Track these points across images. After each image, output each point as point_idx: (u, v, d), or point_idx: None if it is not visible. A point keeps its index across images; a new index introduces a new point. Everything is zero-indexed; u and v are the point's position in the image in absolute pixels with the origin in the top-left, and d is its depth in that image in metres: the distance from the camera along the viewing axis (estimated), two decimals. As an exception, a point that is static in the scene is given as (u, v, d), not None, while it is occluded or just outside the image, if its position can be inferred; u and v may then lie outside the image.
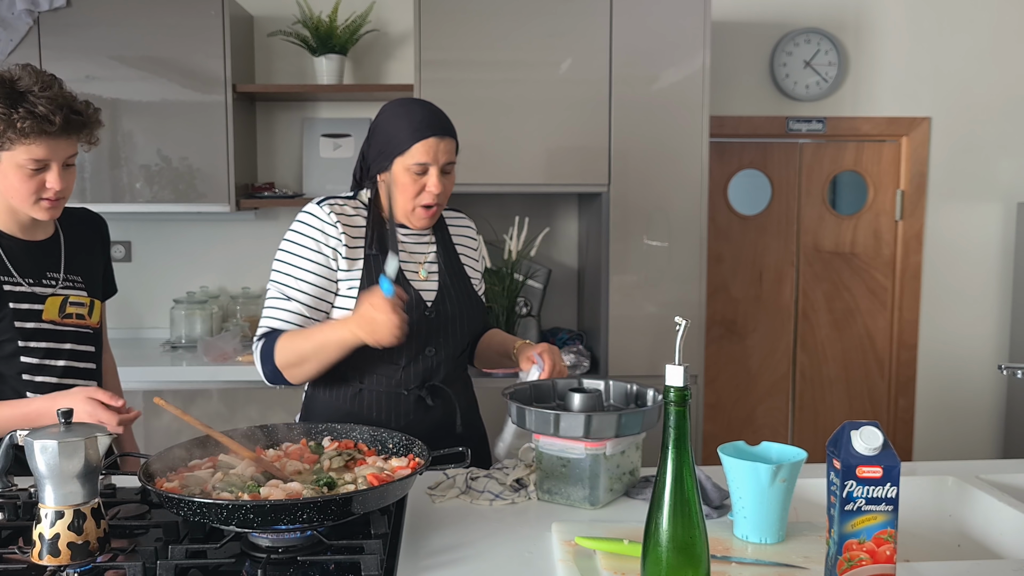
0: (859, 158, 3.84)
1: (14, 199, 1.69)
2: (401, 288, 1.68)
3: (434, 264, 1.86)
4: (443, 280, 1.86)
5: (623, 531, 1.35)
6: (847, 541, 1.13)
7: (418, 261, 1.85)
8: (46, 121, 1.60)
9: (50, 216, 1.72)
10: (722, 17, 3.60)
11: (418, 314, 1.78)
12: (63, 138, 1.65)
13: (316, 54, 3.44)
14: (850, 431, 1.14)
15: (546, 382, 1.73)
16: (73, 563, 1.25)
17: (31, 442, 1.25)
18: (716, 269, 3.80)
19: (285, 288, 1.76)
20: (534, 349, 1.82)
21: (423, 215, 1.80)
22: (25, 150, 1.62)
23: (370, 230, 1.80)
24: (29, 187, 1.66)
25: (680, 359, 1.02)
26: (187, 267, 3.56)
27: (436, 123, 1.77)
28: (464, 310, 1.87)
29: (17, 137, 1.60)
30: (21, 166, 1.64)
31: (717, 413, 3.91)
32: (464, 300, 1.88)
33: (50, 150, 1.64)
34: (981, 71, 3.77)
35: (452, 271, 1.88)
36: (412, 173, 1.75)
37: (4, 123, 1.59)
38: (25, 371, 1.73)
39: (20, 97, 1.61)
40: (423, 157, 1.74)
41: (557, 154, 3.08)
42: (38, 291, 1.75)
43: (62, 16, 3.15)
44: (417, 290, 1.81)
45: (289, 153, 3.66)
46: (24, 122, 1.59)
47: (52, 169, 1.66)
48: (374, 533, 1.36)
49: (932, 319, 3.87)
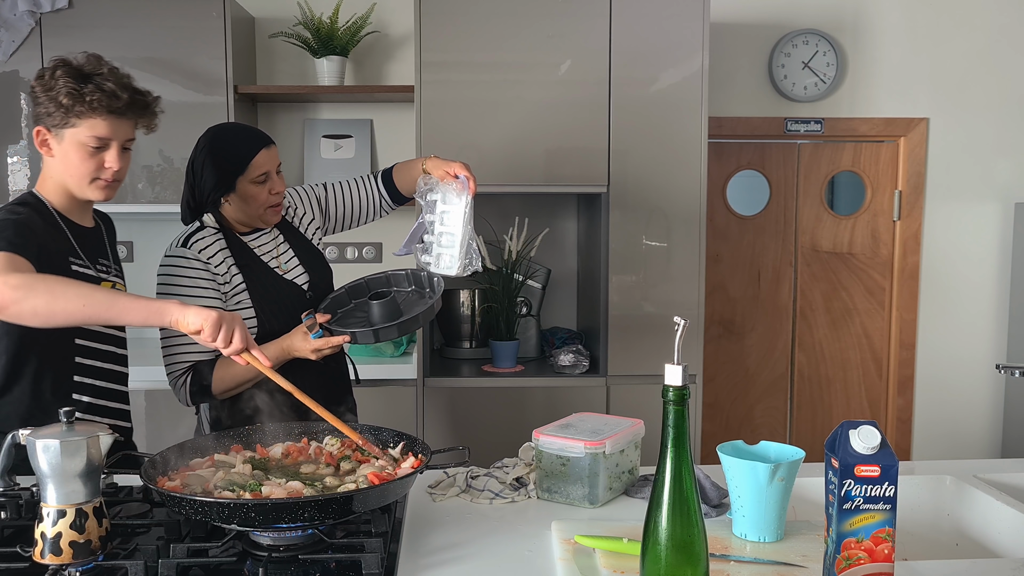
0: (857, 158, 3.85)
1: (72, 177, 1.72)
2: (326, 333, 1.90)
3: (288, 251, 2.07)
4: (303, 260, 2.08)
5: (622, 530, 1.36)
6: (845, 540, 1.13)
7: (274, 256, 2.05)
8: (114, 97, 1.66)
9: (105, 197, 1.76)
10: (721, 18, 3.60)
11: (300, 300, 2.01)
12: (126, 118, 1.71)
13: (317, 55, 3.44)
14: (848, 430, 1.14)
15: (360, 282, 2.07)
16: (75, 562, 1.26)
17: (33, 441, 1.26)
18: (714, 269, 3.81)
19: None
20: (450, 166, 2.03)
21: (276, 212, 2.03)
22: (88, 127, 1.67)
23: (232, 246, 1.99)
24: (89, 166, 1.70)
25: (679, 358, 1.03)
26: (187, 267, 3.56)
27: (258, 136, 1.99)
28: (326, 275, 2.12)
29: (85, 111, 1.65)
30: (83, 144, 1.68)
31: (716, 412, 3.91)
32: (321, 268, 2.12)
33: (112, 129, 1.69)
34: (979, 72, 3.78)
35: (301, 247, 2.10)
36: (257, 184, 1.95)
37: (73, 98, 1.64)
38: (78, 354, 1.76)
39: (87, 76, 1.67)
40: (264, 167, 1.95)
41: (557, 154, 3.09)
42: (94, 275, 1.79)
43: (64, 17, 3.16)
44: (290, 280, 2.03)
45: (290, 154, 3.67)
46: (93, 95, 1.64)
47: (112, 148, 1.71)
48: (375, 531, 1.37)
49: (930, 319, 3.88)
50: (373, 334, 1.87)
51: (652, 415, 1.56)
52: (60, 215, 1.76)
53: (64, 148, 1.70)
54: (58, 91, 1.65)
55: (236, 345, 1.50)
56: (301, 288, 2.05)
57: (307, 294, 2.05)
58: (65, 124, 1.67)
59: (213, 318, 1.48)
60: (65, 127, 1.68)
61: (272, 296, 1.99)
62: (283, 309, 1.98)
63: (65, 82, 1.65)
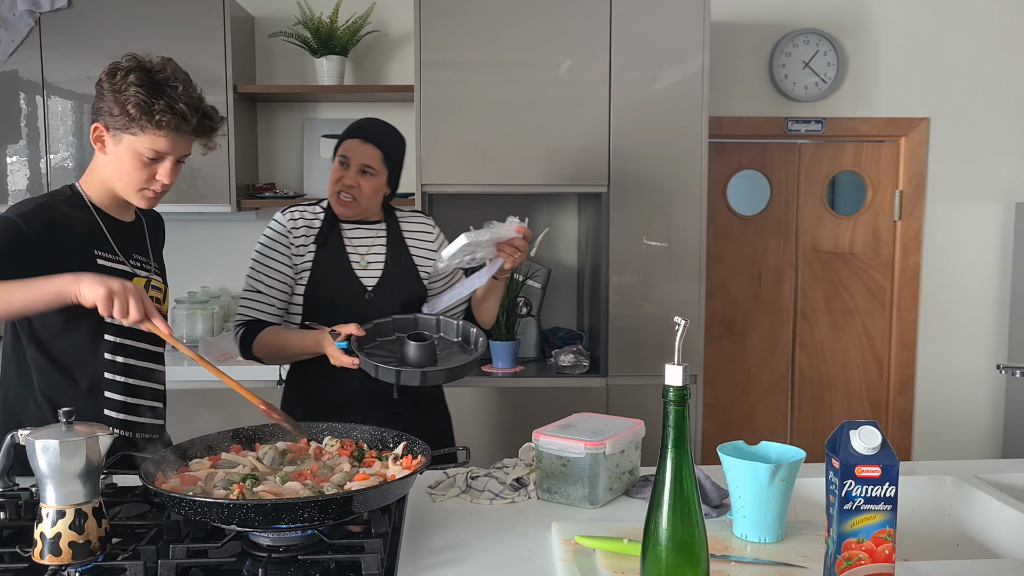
0: (858, 158, 3.85)
1: (121, 182, 1.69)
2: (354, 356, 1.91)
3: (378, 255, 2.13)
4: (387, 268, 2.12)
5: (623, 530, 1.36)
6: (846, 540, 1.13)
7: (361, 253, 2.12)
8: (183, 119, 1.62)
9: (148, 206, 1.74)
10: (721, 18, 3.60)
11: (358, 298, 2.07)
12: (188, 137, 1.67)
13: (317, 55, 3.44)
14: (849, 430, 1.14)
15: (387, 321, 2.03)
16: (74, 562, 1.25)
17: (32, 441, 1.25)
18: (715, 269, 3.81)
19: (252, 282, 2.10)
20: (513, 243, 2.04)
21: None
22: (150, 139, 1.63)
23: (324, 226, 2.11)
24: (140, 176, 1.67)
25: (679, 359, 1.02)
26: (188, 267, 3.56)
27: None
28: (403, 295, 2.13)
29: (151, 127, 1.61)
30: (139, 154, 1.65)
31: (716, 413, 3.91)
32: (403, 286, 2.13)
33: (172, 145, 1.65)
34: (979, 72, 3.77)
35: (397, 261, 2.14)
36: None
37: (142, 110, 1.60)
38: (108, 350, 1.72)
39: (160, 89, 1.62)
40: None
41: (557, 154, 3.08)
42: (127, 270, 1.75)
43: (63, 17, 3.15)
44: (358, 276, 2.09)
45: (290, 154, 3.66)
46: (164, 115, 1.60)
47: (166, 162, 1.67)
48: (375, 532, 1.36)
49: (930, 319, 3.87)
50: (396, 374, 1.84)
51: (652, 415, 1.55)
52: (96, 208, 1.73)
53: (119, 152, 1.66)
54: (127, 97, 1.60)
55: (133, 316, 1.47)
56: (364, 286, 2.09)
57: (367, 293, 2.09)
58: (126, 130, 1.63)
59: (102, 293, 1.45)
60: (126, 132, 1.63)
61: (327, 281, 2.08)
62: (333, 295, 2.07)
63: (136, 91, 1.59)
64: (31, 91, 3.22)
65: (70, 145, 3.25)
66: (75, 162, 3.25)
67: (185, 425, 2.14)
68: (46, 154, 3.25)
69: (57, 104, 3.22)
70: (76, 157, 3.25)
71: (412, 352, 1.90)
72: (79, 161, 3.25)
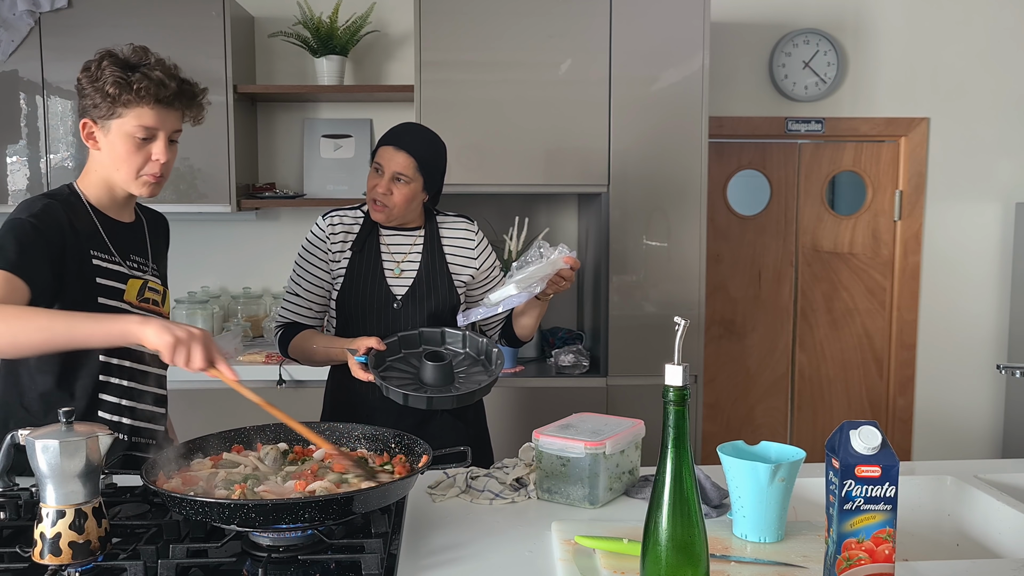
0: (858, 158, 3.85)
1: (120, 172, 1.69)
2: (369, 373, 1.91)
3: (413, 262, 2.10)
4: (419, 276, 2.10)
5: (623, 530, 1.36)
6: (846, 540, 1.13)
7: (396, 260, 2.10)
8: (161, 85, 1.64)
9: (149, 193, 1.73)
10: (721, 18, 3.60)
11: (388, 307, 2.07)
12: (173, 108, 1.68)
13: (317, 55, 3.44)
14: (849, 430, 1.14)
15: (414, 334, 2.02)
16: (74, 562, 1.25)
17: (32, 441, 1.25)
18: (715, 269, 3.81)
19: (292, 284, 2.14)
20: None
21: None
22: (135, 116, 1.64)
23: (363, 231, 2.11)
24: (136, 160, 1.67)
25: (679, 359, 1.02)
26: (188, 267, 3.56)
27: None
28: (432, 305, 2.10)
29: (132, 100, 1.62)
30: (130, 135, 1.65)
31: (716, 413, 3.91)
32: (433, 295, 2.10)
33: (159, 118, 1.66)
34: (979, 72, 3.77)
35: (432, 269, 2.11)
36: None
37: (120, 87, 1.62)
38: (102, 352, 1.72)
39: (134, 66, 1.65)
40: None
41: (557, 154, 3.08)
42: (123, 271, 1.75)
43: (63, 17, 3.15)
44: (389, 284, 2.08)
45: (290, 153, 3.66)
46: (141, 83, 1.62)
47: (159, 139, 1.68)
48: (375, 532, 1.36)
49: (930, 319, 3.88)
50: (403, 396, 1.83)
51: (652, 415, 1.56)
52: (94, 208, 1.73)
53: (111, 140, 1.67)
54: (104, 81, 1.62)
55: (197, 364, 1.45)
56: (394, 295, 2.08)
57: (396, 302, 2.07)
58: (112, 115, 1.64)
59: (168, 341, 1.42)
60: (112, 118, 1.65)
61: (359, 289, 2.08)
62: (364, 303, 2.07)
63: (112, 71, 1.62)
64: (31, 91, 3.22)
65: (70, 145, 3.25)
66: (75, 162, 3.25)
67: (185, 425, 2.14)
68: (46, 154, 3.25)
69: (57, 104, 3.22)
70: (76, 157, 3.25)
71: (428, 373, 1.92)
72: (79, 161, 3.24)
